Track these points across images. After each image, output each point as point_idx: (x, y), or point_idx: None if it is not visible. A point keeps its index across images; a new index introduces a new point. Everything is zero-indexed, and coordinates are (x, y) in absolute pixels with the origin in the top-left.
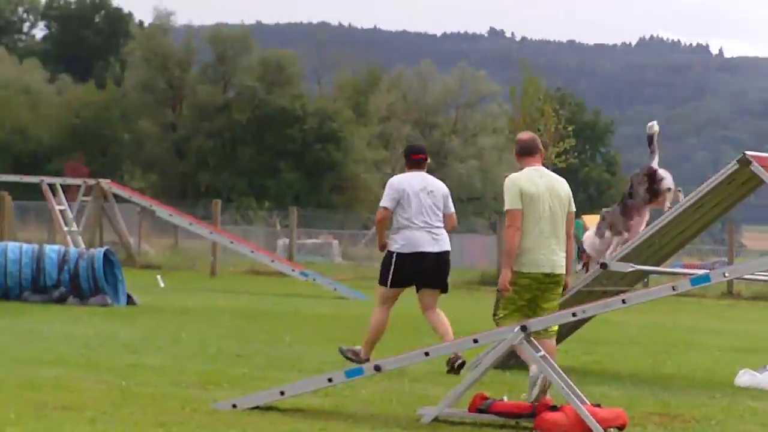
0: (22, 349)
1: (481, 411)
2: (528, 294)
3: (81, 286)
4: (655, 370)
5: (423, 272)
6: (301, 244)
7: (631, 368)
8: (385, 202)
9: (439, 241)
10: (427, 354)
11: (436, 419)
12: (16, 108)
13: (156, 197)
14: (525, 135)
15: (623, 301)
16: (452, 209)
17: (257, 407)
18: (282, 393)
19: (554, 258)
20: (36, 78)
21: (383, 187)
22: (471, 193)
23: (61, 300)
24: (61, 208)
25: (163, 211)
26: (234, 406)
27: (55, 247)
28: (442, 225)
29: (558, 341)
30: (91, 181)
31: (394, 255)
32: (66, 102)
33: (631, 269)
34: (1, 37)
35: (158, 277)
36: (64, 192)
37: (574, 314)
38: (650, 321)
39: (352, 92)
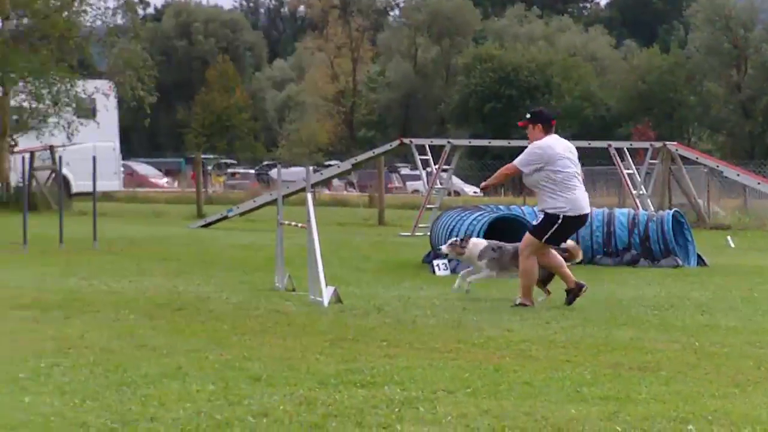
0: (596, 311)
1: None
2: None
3: (651, 248)
4: None
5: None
6: None
7: None
8: (522, 165)
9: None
10: None
11: None
12: (585, 75)
13: (724, 158)
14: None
15: None
16: None
17: None
18: None
19: None
20: (601, 44)
21: None
22: None
23: (632, 262)
24: (629, 171)
25: (731, 171)
26: None
27: (625, 210)
28: None
29: None
30: (658, 144)
31: (561, 217)
32: (631, 67)
33: None
34: (566, 6)
35: (728, 237)
36: (631, 156)
37: None
38: None
39: None
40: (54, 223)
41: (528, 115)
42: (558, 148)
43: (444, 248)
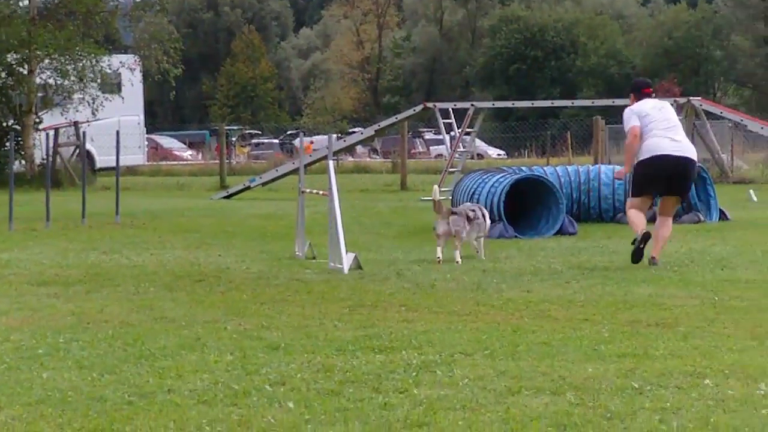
0: (616, 270)
1: None
2: None
3: None
4: None
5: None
6: None
7: None
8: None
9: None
10: None
11: None
12: (611, 33)
13: (749, 112)
14: None
15: None
16: None
17: None
18: None
19: None
20: (629, 2)
21: None
22: None
23: (653, 219)
24: None
25: (755, 125)
26: None
27: None
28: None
29: None
30: (682, 100)
31: (636, 165)
32: (658, 23)
33: None
34: None
35: (750, 191)
36: None
37: None
38: None
39: None
40: (77, 199)
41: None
42: (640, 107)
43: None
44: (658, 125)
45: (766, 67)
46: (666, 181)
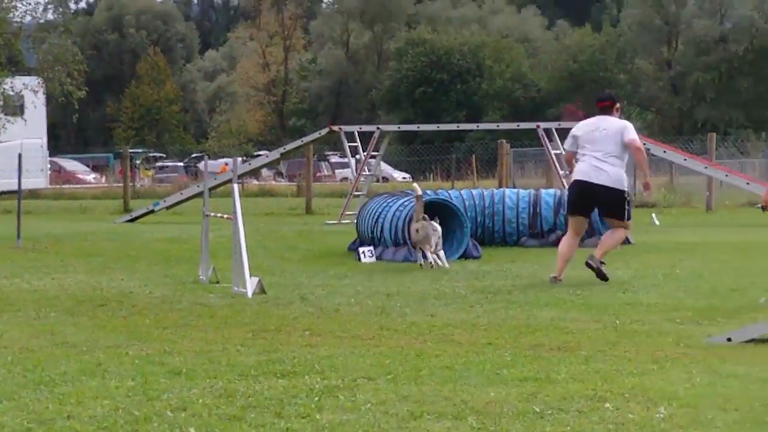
0: (520, 293)
1: None
2: None
3: None
4: None
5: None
6: None
7: None
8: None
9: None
10: None
11: None
12: (516, 56)
13: (652, 135)
14: None
15: None
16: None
17: (752, 340)
18: None
19: None
20: (534, 25)
21: None
22: None
23: (557, 243)
24: (557, 152)
25: (658, 149)
26: (729, 339)
27: (551, 191)
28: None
29: None
30: None
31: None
32: (563, 47)
33: None
34: None
35: (653, 215)
36: (560, 137)
37: None
38: None
39: None
40: None
41: None
42: (579, 129)
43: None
44: (591, 149)
45: (668, 90)
46: (585, 203)
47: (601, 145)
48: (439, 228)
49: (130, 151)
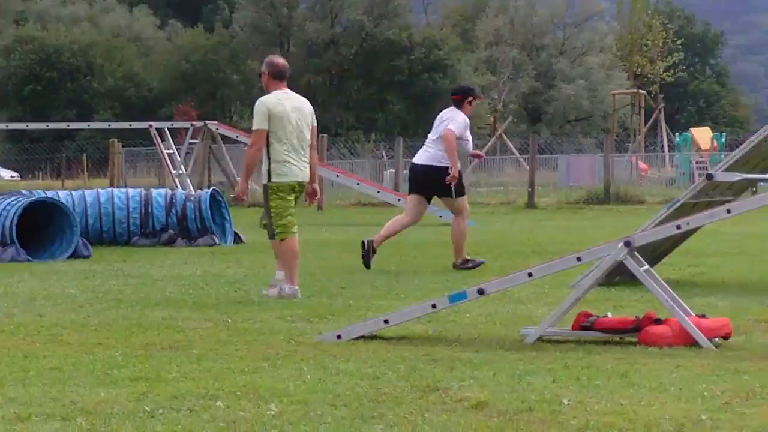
0: (131, 293)
1: (584, 328)
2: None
3: (188, 227)
4: (762, 280)
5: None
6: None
7: (738, 278)
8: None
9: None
10: (530, 275)
11: (539, 339)
12: (128, 56)
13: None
14: (280, 60)
15: (728, 211)
16: None
17: (362, 337)
18: (386, 322)
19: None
20: (146, 25)
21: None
22: (579, 113)
23: (170, 242)
24: (169, 152)
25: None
26: (339, 337)
27: (162, 191)
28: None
29: (663, 255)
30: (199, 124)
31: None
32: (176, 48)
33: (738, 179)
34: None
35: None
36: (172, 136)
37: (678, 227)
38: (758, 230)
39: (458, 19)
40: None
41: None
42: None
43: None
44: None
45: None
46: (415, 183)
47: (433, 133)
48: None
49: None
